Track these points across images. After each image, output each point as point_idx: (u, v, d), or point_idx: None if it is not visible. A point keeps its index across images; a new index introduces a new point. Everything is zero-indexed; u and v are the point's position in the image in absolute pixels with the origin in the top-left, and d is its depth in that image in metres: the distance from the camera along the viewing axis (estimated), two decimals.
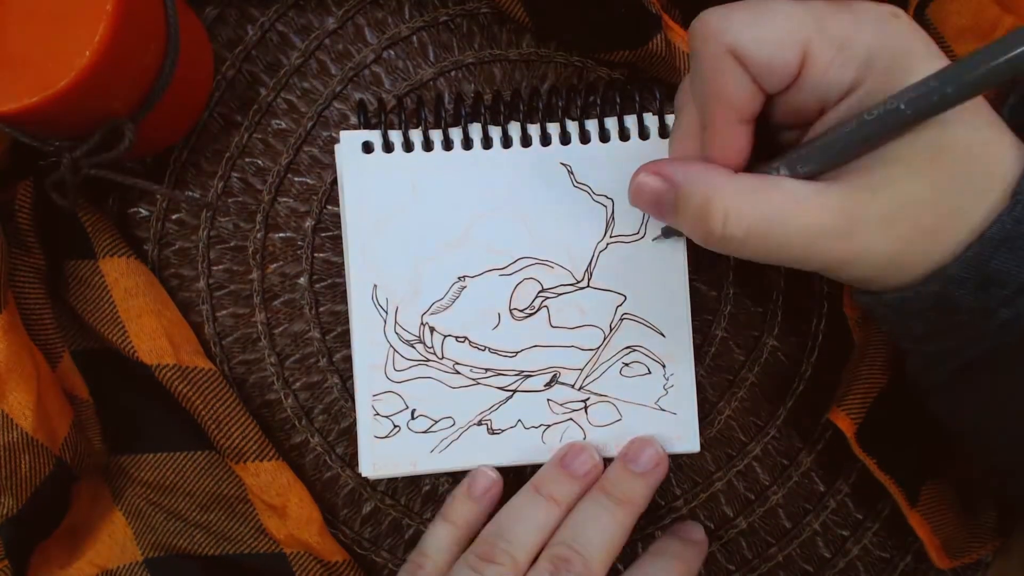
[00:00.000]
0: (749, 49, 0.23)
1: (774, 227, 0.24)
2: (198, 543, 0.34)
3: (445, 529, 0.33)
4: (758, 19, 0.23)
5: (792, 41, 0.23)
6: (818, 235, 0.24)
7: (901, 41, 0.23)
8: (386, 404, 0.33)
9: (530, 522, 0.31)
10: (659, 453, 0.33)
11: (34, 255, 0.32)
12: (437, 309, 0.34)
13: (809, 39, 0.23)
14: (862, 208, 0.24)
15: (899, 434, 0.33)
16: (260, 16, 0.35)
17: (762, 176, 0.25)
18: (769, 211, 0.24)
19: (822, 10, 0.23)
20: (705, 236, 0.25)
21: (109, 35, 0.26)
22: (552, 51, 0.36)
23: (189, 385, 0.33)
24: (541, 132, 0.34)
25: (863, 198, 0.24)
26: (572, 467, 0.33)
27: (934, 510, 0.33)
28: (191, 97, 0.34)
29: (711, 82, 0.24)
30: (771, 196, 0.24)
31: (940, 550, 0.33)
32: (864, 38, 0.23)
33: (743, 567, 0.36)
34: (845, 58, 0.23)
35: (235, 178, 0.35)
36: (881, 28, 0.23)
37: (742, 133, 0.25)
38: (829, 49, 0.23)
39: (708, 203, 0.24)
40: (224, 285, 0.35)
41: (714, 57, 0.24)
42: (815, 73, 0.23)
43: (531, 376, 0.34)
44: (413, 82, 0.35)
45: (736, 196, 0.24)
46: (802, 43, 0.23)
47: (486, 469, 0.34)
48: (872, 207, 0.23)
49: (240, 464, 0.33)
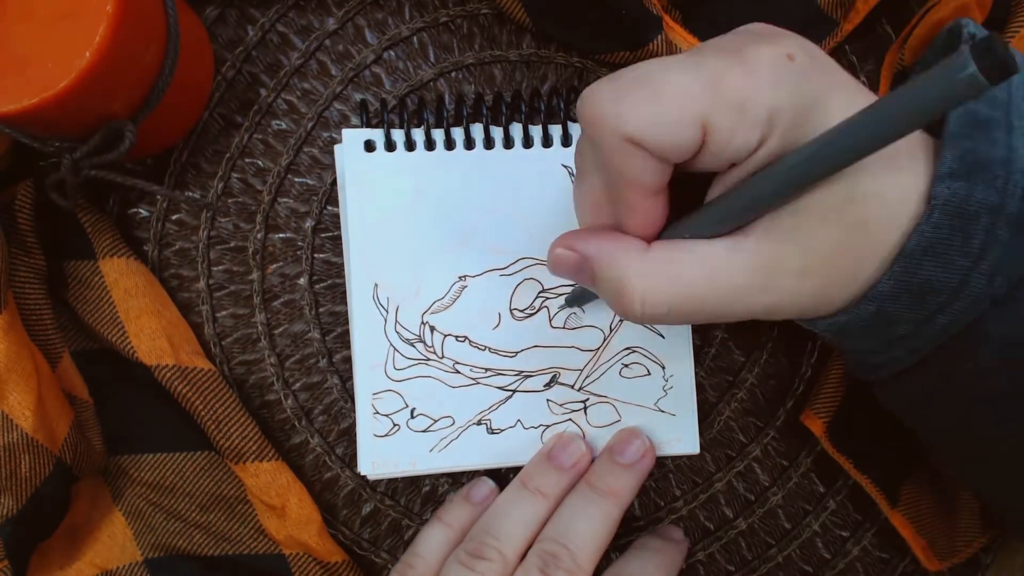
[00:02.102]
0: (647, 135, 0.22)
1: (692, 299, 0.24)
2: (197, 543, 0.34)
3: (439, 530, 0.33)
4: (651, 101, 0.22)
5: (689, 118, 0.21)
6: (737, 296, 0.24)
7: (802, 90, 0.22)
8: (386, 403, 0.33)
9: (519, 517, 0.31)
10: (645, 444, 0.33)
11: (34, 256, 0.32)
12: (438, 308, 0.34)
13: (706, 111, 0.21)
14: (776, 263, 0.23)
15: (871, 432, 0.33)
16: (260, 17, 0.35)
17: (674, 245, 0.24)
18: (684, 285, 0.24)
19: (715, 72, 0.22)
20: (624, 313, 0.25)
21: (109, 35, 0.26)
22: (552, 52, 0.36)
23: (188, 385, 0.33)
24: (543, 133, 0.34)
25: (776, 252, 0.23)
26: (559, 460, 0.33)
27: (916, 511, 0.33)
28: (191, 98, 0.34)
29: (615, 167, 0.23)
30: (684, 268, 0.24)
31: (927, 551, 0.33)
32: (762, 97, 0.22)
33: (743, 568, 0.36)
34: (746, 121, 0.22)
35: (235, 179, 0.35)
36: (779, 79, 0.22)
37: (654, 205, 0.24)
38: (728, 116, 0.22)
39: (624, 286, 0.24)
40: (224, 286, 0.35)
41: (612, 146, 0.22)
42: (718, 141, 0.22)
43: (531, 376, 0.34)
44: (413, 83, 0.35)
45: (650, 277, 0.24)
46: (700, 116, 0.22)
47: (487, 479, 0.34)
48: (786, 261, 0.23)
49: (239, 464, 0.33)
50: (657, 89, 0.22)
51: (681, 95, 0.22)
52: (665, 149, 0.22)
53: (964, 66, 0.16)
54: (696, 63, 0.22)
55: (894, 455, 0.33)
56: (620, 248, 0.25)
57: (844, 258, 0.23)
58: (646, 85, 0.22)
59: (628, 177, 0.23)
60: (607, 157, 0.23)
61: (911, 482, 0.33)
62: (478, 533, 0.31)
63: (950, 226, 0.22)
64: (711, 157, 0.23)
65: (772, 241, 0.23)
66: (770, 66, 0.22)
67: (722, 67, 0.22)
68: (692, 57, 0.22)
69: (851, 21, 0.34)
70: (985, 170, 0.22)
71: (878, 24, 0.36)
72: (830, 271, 0.24)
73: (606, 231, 0.26)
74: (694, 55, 0.22)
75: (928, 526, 0.33)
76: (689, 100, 0.21)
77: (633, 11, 0.32)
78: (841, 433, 0.33)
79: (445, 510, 0.34)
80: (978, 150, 0.22)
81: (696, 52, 0.23)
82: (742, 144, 0.22)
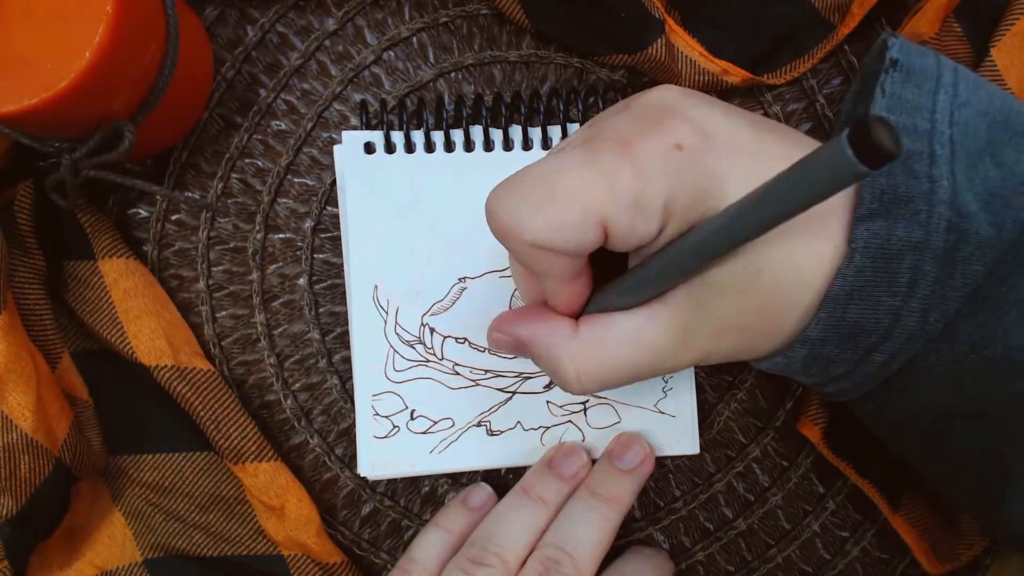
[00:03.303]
0: (547, 241, 0.22)
1: (621, 370, 0.25)
2: (196, 544, 0.34)
3: (436, 535, 0.33)
4: (548, 207, 0.22)
5: (587, 219, 0.22)
6: (662, 358, 0.25)
7: (693, 178, 0.22)
8: (385, 404, 0.33)
9: (520, 524, 0.31)
10: (645, 449, 0.33)
11: (34, 256, 0.32)
12: (437, 310, 0.34)
13: (603, 210, 0.22)
14: (690, 329, 0.24)
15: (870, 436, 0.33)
16: (260, 17, 0.35)
17: (599, 323, 0.25)
18: (612, 360, 0.25)
19: (607, 171, 0.22)
20: (566, 391, 0.26)
21: (109, 36, 0.26)
22: (552, 53, 0.36)
23: (188, 386, 0.33)
24: (542, 136, 0.34)
25: (688, 320, 0.24)
26: (560, 468, 0.33)
27: (918, 515, 0.33)
28: (191, 98, 0.34)
29: (527, 266, 0.24)
30: (610, 346, 0.25)
31: (929, 554, 0.33)
32: (654, 192, 0.22)
33: (742, 568, 0.36)
34: (643, 216, 0.22)
35: (235, 179, 0.35)
36: (667, 174, 0.22)
37: (573, 287, 0.25)
38: (624, 214, 0.22)
39: (558, 368, 0.25)
40: (224, 286, 0.35)
41: (520, 251, 0.23)
42: (618, 235, 0.23)
43: (530, 378, 0.34)
44: (413, 83, 0.35)
45: (580, 358, 0.25)
46: (598, 216, 0.22)
47: (484, 485, 0.34)
48: (698, 327, 0.24)
49: (239, 465, 0.33)
50: (552, 193, 0.22)
51: (577, 199, 0.22)
52: (570, 249, 0.23)
53: (841, 154, 0.15)
54: (589, 162, 0.22)
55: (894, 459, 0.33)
56: (550, 332, 0.26)
57: (758, 319, 0.24)
58: (540, 190, 0.22)
59: (544, 272, 0.24)
60: (520, 258, 0.24)
61: (912, 486, 0.33)
62: (479, 539, 0.31)
63: (873, 267, 0.22)
64: (617, 245, 0.23)
65: (684, 310, 0.24)
66: (659, 159, 0.22)
67: (614, 166, 0.22)
68: (584, 154, 0.23)
69: (847, 25, 0.34)
70: (906, 206, 0.22)
71: (877, 24, 0.36)
72: (744, 331, 0.25)
73: (537, 312, 0.27)
74: (585, 151, 0.23)
75: (930, 529, 0.33)
76: (585, 203, 0.22)
77: (632, 14, 0.32)
78: (839, 439, 0.33)
79: (442, 515, 0.34)
80: (897, 186, 0.22)
81: (586, 145, 0.23)
82: (642, 235, 0.23)
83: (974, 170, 0.23)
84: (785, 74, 0.35)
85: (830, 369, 0.25)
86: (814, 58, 0.35)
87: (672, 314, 0.24)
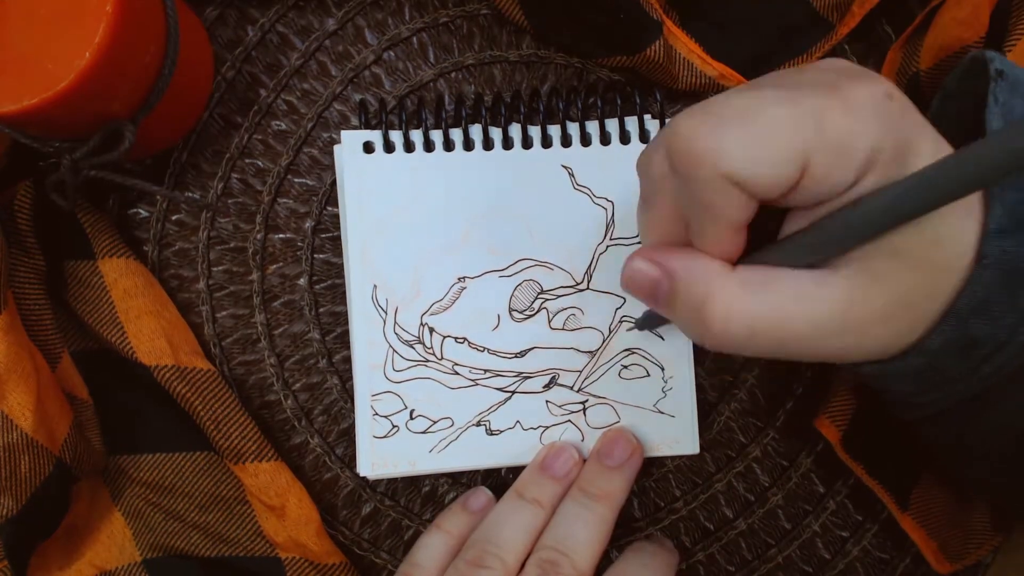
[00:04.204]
0: (747, 173, 0.21)
1: (774, 326, 0.23)
2: (195, 544, 0.34)
3: (438, 538, 0.33)
4: (753, 136, 0.21)
5: (791, 157, 0.21)
6: (815, 333, 0.23)
7: (900, 131, 0.21)
8: (385, 404, 0.33)
9: (517, 526, 0.31)
10: (631, 443, 0.33)
11: (34, 256, 0.32)
12: (437, 310, 0.34)
13: (808, 150, 0.21)
14: (862, 303, 0.23)
15: (885, 439, 0.33)
16: (260, 17, 0.35)
17: (761, 270, 0.23)
18: (770, 310, 0.23)
19: (817, 109, 0.21)
20: (702, 334, 0.24)
21: (109, 36, 0.26)
22: (552, 52, 0.36)
23: (188, 386, 0.33)
24: (542, 134, 0.34)
25: (864, 292, 0.22)
26: (553, 469, 0.33)
27: (926, 514, 0.33)
28: (191, 98, 0.34)
29: (704, 203, 0.22)
30: (772, 294, 0.23)
31: (938, 554, 0.33)
32: (863, 138, 0.21)
33: (743, 568, 0.36)
34: (845, 162, 0.21)
35: (235, 179, 0.35)
36: (879, 120, 0.21)
37: (736, 237, 0.23)
38: (828, 156, 0.21)
39: (709, 301, 0.23)
40: (224, 286, 0.35)
41: (707, 182, 0.21)
42: (815, 181, 0.21)
43: (530, 377, 0.34)
44: (413, 83, 0.35)
45: (737, 295, 0.23)
46: (802, 155, 0.21)
47: (484, 489, 0.35)
48: (872, 301, 0.23)
49: (239, 465, 0.33)
50: (759, 125, 0.21)
51: (784, 131, 0.21)
52: (763, 187, 0.21)
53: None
54: (793, 99, 0.21)
55: (905, 459, 0.33)
56: (706, 264, 0.23)
57: (924, 302, 0.23)
58: (747, 120, 0.21)
59: (718, 212, 0.22)
60: (699, 192, 0.22)
61: (921, 486, 0.33)
62: (478, 542, 0.31)
63: (1000, 284, 0.22)
64: (801, 194, 0.22)
65: (862, 280, 0.22)
66: (872, 106, 0.21)
67: (823, 105, 0.21)
68: (787, 91, 0.21)
69: (847, 24, 0.34)
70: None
71: (878, 24, 0.36)
72: (909, 316, 0.23)
73: (687, 249, 0.24)
74: (789, 89, 0.21)
75: (939, 529, 0.33)
76: (791, 139, 0.21)
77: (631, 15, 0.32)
78: (855, 440, 0.33)
79: (443, 518, 0.34)
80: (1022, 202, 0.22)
81: (789, 85, 0.22)
82: (837, 183, 0.21)
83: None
84: None
85: (936, 377, 0.25)
86: (812, 58, 0.35)
87: (843, 283, 0.22)
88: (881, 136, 0.21)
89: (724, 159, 0.21)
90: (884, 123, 0.21)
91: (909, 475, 0.33)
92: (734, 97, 0.22)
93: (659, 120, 0.34)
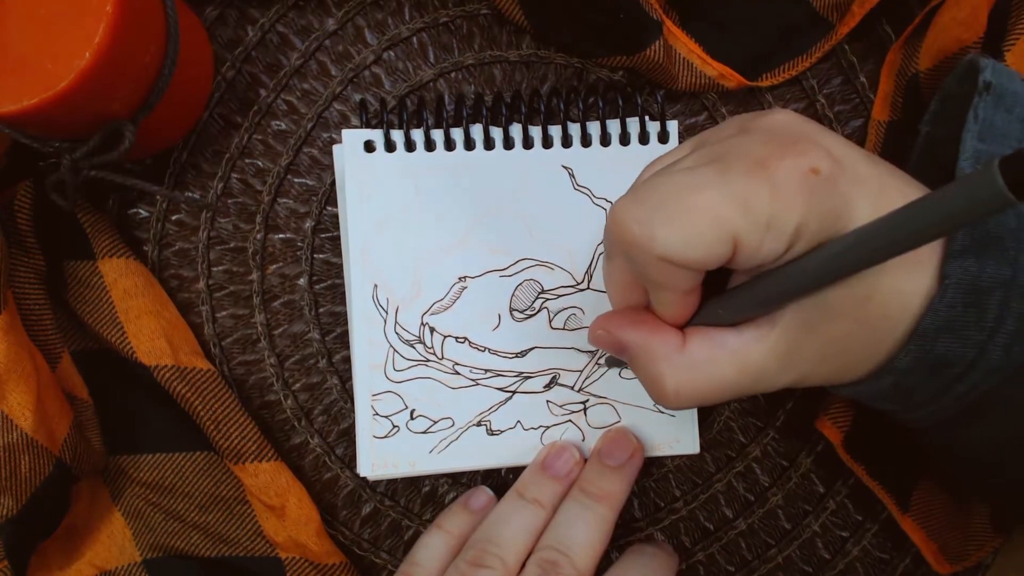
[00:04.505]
0: (679, 256, 0.22)
1: (720, 390, 0.25)
2: (195, 544, 0.34)
3: (438, 537, 0.33)
4: (682, 223, 0.22)
5: (720, 237, 0.22)
6: (761, 378, 0.25)
7: (827, 203, 0.22)
8: (385, 404, 0.33)
9: (517, 525, 0.32)
10: (632, 444, 0.33)
11: (34, 256, 0.32)
12: (437, 309, 0.34)
13: (735, 230, 0.22)
14: (797, 351, 0.25)
15: (886, 440, 0.33)
16: (260, 17, 0.35)
17: (708, 340, 0.25)
18: (715, 380, 0.25)
19: (742, 189, 0.22)
20: (658, 400, 0.26)
21: (109, 36, 0.26)
22: (552, 52, 0.36)
23: (187, 386, 0.33)
24: (543, 134, 0.34)
25: (798, 340, 0.24)
26: (553, 469, 0.33)
27: (926, 515, 0.33)
28: (191, 98, 0.34)
29: (649, 280, 0.24)
30: (716, 365, 0.25)
31: (938, 554, 0.33)
32: (789, 215, 0.22)
33: (743, 568, 0.36)
34: (775, 234, 0.22)
35: (235, 179, 0.35)
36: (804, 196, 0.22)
37: (687, 300, 0.25)
38: (756, 234, 0.22)
39: (659, 381, 0.25)
40: (224, 286, 0.35)
41: (646, 264, 0.23)
42: (747, 254, 0.23)
43: (531, 377, 0.34)
44: (413, 83, 0.35)
45: (684, 377, 0.25)
46: (730, 235, 0.22)
47: (485, 488, 0.35)
48: (806, 349, 0.24)
49: (239, 465, 0.33)
50: (687, 210, 0.22)
51: (710, 215, 0.22)
52: (697, 264, 0.23)
53: (992, 183, 0.15)
54: (723, 181, 0.22)
55: (905, 461, 0.33)
56: (658, 344, 0.26)
57: (861, 345, 0.24)
58: (677, 205, 0.22)
59: (663, 285, 0.24)
60: (642, 270, 0.24)
61: (922, 487, 0.33)
62: (478, 541, 0.31)
63: (963, 303, 0.23)
64: (740, 263, 0.23)
65: (793, 331, 0.24)
66: (797, 184, 0.22)
67: (750, 187, 0.22)
68: (717, 173, 0.23)
69: (847, 24, 0.34)
70: (996, 243, 0.23)
71: (878, 24, 0.36)
72: (847, 356, 0.25)
73: (645, 319, 0.27)
74: (720, 170, 0.23)
75: (939, 530, 0.33)
76: (720, 220, 0.22)
77: (631, 15, 0.32)
78: (857, 442, 0.33)
79: (443, 517, 0.34)
80: (988, 223, 0.23)
81: (720, 165, 0.23)
82: (768, 254, 0.23)
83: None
84: (783, 73, 0.35)
85: (911, 397, 0.25)
86: (812, 57, 0.35)
87: (780, 335, 0.24)
88: (806, 212, 0.22)
89: (657, 245, 0.22)
90: (809, 199, 0.22)
91: (910, 476, 0.33)
92: (665, 182, 0.23)
93: (659, 121, 0.34)
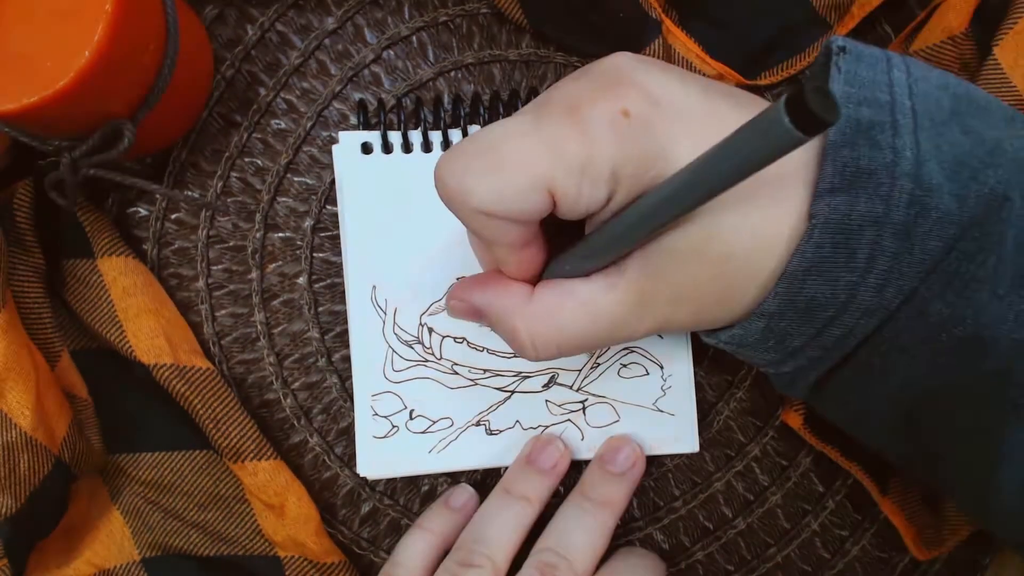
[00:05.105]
0: (494, 207, 0.22)
1: (577, 338, 0.25)
2: (194, 543, 0.34)
3: (420, 537, 0.33)
4: (493, 173, 0.22)
5: (533, 185, 0.22)
6: (617, 326, 0.25)
7: (641, 144, 0.22)
8: (384, 404, 0.33)
9: (505, 523, 0.31)
10: (635, 452, 0.33)
11: (33, 254, 0.32)
12: (436, 310, 0.34)
13: (550, 177, 0.22)
14: (648, 296, 0.24)
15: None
16: (260, 16, 0.35)
17: (556, 290, 0.25)
18: (569, 328, 0.25)
19: (553, 137, 0.22)
20: (520, 354, 0.26)
21: (109, 35, 0.26)
22: (552, 52, 0.36)
23: (187, 384, 0.33)
24: None
25: (647, 287, 0.24)
26: (539, 462, 0.33)
27: (906, 498, 0.33)
28: (191, 97, 0.34)
29: (477, 233, 0.24)
30: (567, 314, 0.25)
31: (916, 539, 0.33)
32: (601, 158, 0.22)
33: (742, 568, 0.36)
34: (591, 181, 0.22)
35: (234, 178, 0.35)
36: (615, 139, 0.22)
37: (526, 255, 0.25)
38: (572, 178, 0.22)
39: (514, 335, 0.26)
40: (223, 285, 0.35)
41: (468, 217, 0.23)
42: (566, 202, 0.22)
43: (529, 377, 0.34)
44: (412, 82, 0.35)
45: (535, 325, 0.25)
46: (545, 183, 0.22)
47: (466, 486, 0.34)
48: (657, 294, 0.24)
49: (238, 463, 0.33)
50: (499, 160, 0.22)
51: (522, 165, 0.22)
52: (516, 215, 0.23)
53: (778, 121, 0.16)
54: (536, 127, 0.22)
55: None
56: (506, 299, 0.26)
57: (713, 287, 0.24)
58: (488, 156, 0.22)
59: (491, 239, 0.24)
60: (468, 224, 0.24)
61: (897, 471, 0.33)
62: (466, 541, 0.31)
63: (832, 243, 0.22)
64: (564, 212, 0.23)
65: (640, 278, 0.24)
66: (607, 125, 0.22)
67: (560, 132, 0.22)
68: (533, 120, 0.23)
69: (845, 25, 0.34)
70: (869, 179, 0.22)
71: (878, 24, 0.36)
72: (700, 300, 0.24)
73: (493, 278, 0.27)
74: (535, 116, 0.23)
75: (917, 514, 0.33)
76: (530, 169, 0.22)
77: (630, 14, 0.32)
78: (821, 424, 0.33)
79: (424, 517, 0.34)
80: (860, 159, 0.22)
81: (537, 111, 0.23)
82: (590, 201, 0.23)
83: (941, 137, 0.22)
84: (781, 72, 0.35)
85: (787, 342, 0.25)
86: (809, 56, 0.35)
87: (628, 282, 0.24)
88: (618, 155, 0.22)
89: (472, 197, 0.22)
90: (620, 142, 0.22)
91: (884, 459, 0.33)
92: (483, 133, 0.23)
93: None
